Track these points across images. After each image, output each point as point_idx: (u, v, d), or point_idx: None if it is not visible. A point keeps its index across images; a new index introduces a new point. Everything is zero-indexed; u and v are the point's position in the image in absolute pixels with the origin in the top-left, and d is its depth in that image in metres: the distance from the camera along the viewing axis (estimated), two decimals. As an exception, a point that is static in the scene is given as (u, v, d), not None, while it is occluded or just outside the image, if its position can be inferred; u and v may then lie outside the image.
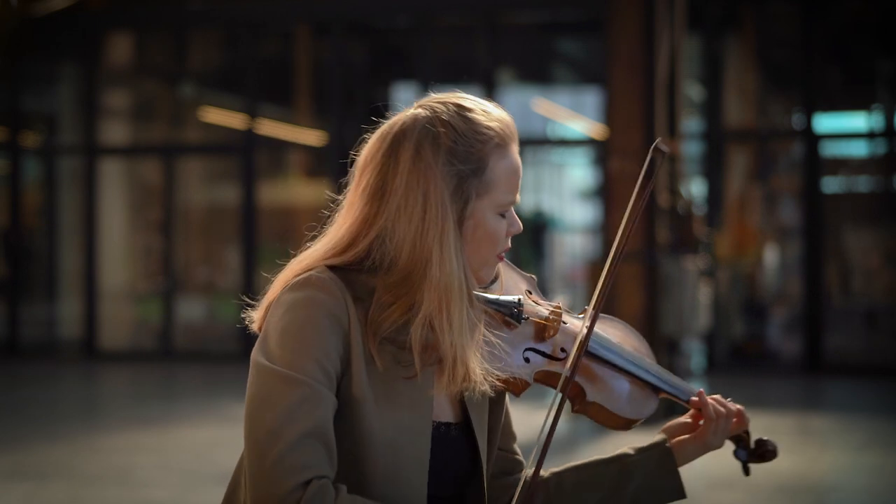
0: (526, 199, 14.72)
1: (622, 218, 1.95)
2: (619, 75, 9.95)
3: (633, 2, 10.04)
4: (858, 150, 14.08)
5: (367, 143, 1.88)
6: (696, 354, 11.95)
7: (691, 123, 13.00)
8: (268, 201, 13.88)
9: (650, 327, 9.26)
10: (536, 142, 15.22)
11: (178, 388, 11.89)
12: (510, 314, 1.92)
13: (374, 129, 1.90)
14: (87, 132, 14.26)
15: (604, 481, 2.03)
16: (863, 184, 14.38)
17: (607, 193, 9.95)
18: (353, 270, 1.82)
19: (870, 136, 13.46)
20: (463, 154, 1.82)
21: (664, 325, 9.43)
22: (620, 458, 2.05)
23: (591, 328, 1.91)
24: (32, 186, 15.08)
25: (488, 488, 2.00)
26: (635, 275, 9.56)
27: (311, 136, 14.12)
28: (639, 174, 1.97)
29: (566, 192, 19.22)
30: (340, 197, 1.92)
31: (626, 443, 2.18)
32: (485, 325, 1.88)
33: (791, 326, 12.76)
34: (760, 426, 8.74)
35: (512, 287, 1.99)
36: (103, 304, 14.17)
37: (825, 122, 13.05)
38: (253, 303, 1.91)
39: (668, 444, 2.06)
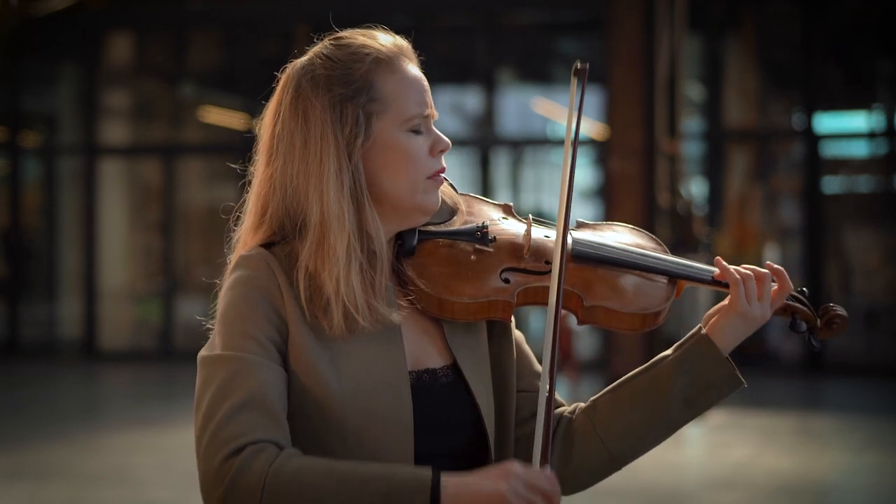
0: (526, 199, 14.72)
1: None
2: (619, 75, 9.95)
3: (633, 2, 10.04)
4: (859, 150, 14.07)
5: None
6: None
7: (691, 123, 13.00)
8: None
9: (663, 244, 9.25)
10: (536, 142, 15.22)
11: (178, 388, 11.88)
12: (475, 239, 1.81)
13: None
14: (87, 132, 14.26)
15: (646, 391, 1.84)
16: (863, 184, 14.38)
17: (607, 193, 9.94)
18: (279, 242, 1.74)
19: (870, 136, 13.46)
20: (340, 78, 1.74)
21: (664, 325, 9.42)
22: (658, 362, 1.86)
23: (565, 226, 1.74)
24: (32, 186, 15.08)
25: (522, 434, 1.86)
26: (635, 275, 9.55)
27: (312, 136, 14.08)
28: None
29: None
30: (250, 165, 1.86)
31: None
32: (454, 256, 1.79)
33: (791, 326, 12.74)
34: (761, 426, 8.74)
35: (481, 218, 1.87)
36: (103, 304, 14.17)
37: (825, 122, 13.05)
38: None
39: (703, 331, 1.85)
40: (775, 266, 1.88)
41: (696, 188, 12.86)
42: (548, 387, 1.66)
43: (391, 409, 1.69)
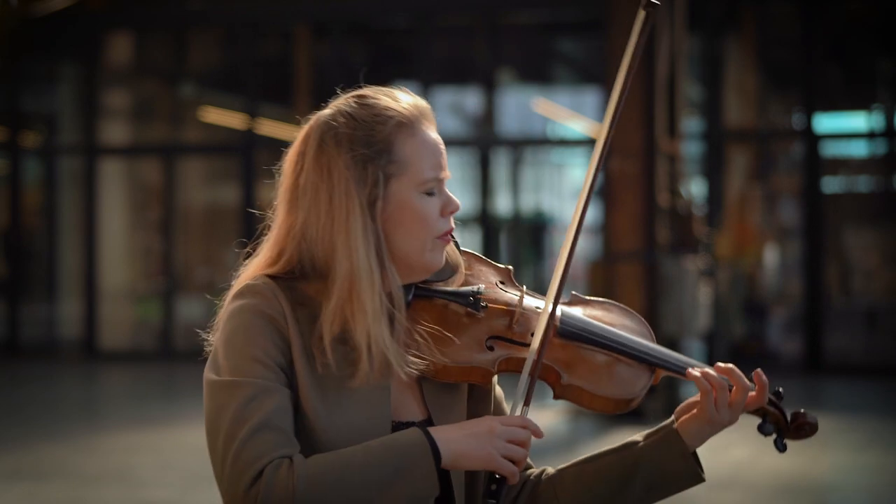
0: (526, 199, 14.73)
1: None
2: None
3: (634, 2, 10.04)
4: (858, 150, 14.08)
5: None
6: (695, 355, 11.95)
7: (691, 123, 13.00)
8: (268, 201, 13.86)
9: (650, 327, 9.26)
10: (536, 142, 15.22)
11: (178, 388, 11.89)
12: (467, 303, 1.86)
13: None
14: (87, 132, 14.26)
15: (612, 472, 1.92)
16: (863, 184, 14.39)
17: (607, 193, 9.94)
18: (290, 279, 1.82)
19: (870, 136, 13.46)
20: (363, 139, 1.80)
21: (664, 326, 9.43)
22: (628, 447, 1.93)
23: (555, 303, 1.82)
24: (32, 186, 15.08)
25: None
26: (635, 275, 9.56)
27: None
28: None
29: (566, 192, 19.21)
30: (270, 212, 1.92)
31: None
32: (445, 317, 1.85)
33: (791, 326, 12.76)
34: (760, 426, 8.50)
35: (479, 279, 1.93)
36: (103, 304, 14.17)
37: (825, 122, 13.05)
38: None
39: (674, 426, 1.92)
40: (761, 378, 1.94)
41: (696, 188, 12.85)
42: (540, 340, 1.77)
43: None
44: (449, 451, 1.72)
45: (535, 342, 1.81)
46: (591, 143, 13.10)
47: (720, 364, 1.93)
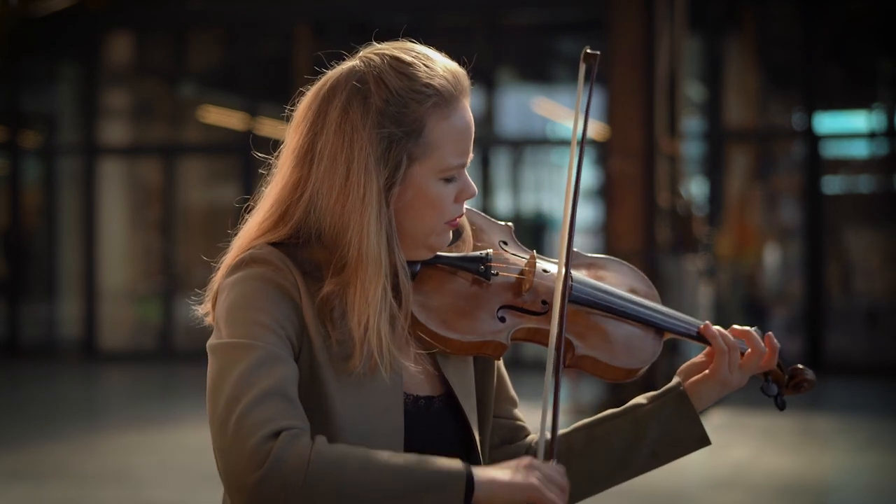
0: (526, 199, 14.72)
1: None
2: (619, 75, 9.94)
3: (634, 2, 10.03)
4: (859, 150, 14.08)
5: (303, 97, 1.76)
6: (695, 355, 11.94)
7: (692, 123, 12.99)
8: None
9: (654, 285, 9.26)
10: (536, 142, 15.22)
11: (178, 388, 11.88)
12: (477, 271, 1.77)
13: (314, 82, 1.77)
14: (87, 132, 14.26)
15: (618, 436, 1.86)
16: (863, 184, 14.38)
17: (607, 193, 9.94)
18: (294, 245, 1.70)
19: (870, 136, 13.46)
20: (394, 115, 1.67)
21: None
22: (633, 409, 1.87)
23: (567, 273, 1.70)
24: (32, 186, 15.08)
25: (490, 459, 1.87)
26: (635, 275, 9.55)
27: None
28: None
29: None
30: (274, 157, 1.79)
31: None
32: (453, 287, 1.76)
33: (792, 326, 12.75)
34: (761, 426, 8.70)
35: (484, 243, 1.84)
36: (103, 304, 14.17)
37: (826, 122, 13.05)
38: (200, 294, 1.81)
39: (682, 388, 1.87)
40: (773, 342, 1.90)
41: (696, 188, 12.85)
42: (554, 382, 1.65)
43: (383, 431, 1.68)
44: (483, 488, 1.57)
45: (553, 331, 1.69)
46: (591, 143, 13.10)
47: (736, 327, 1.91)
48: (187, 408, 9.91)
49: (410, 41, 1.76)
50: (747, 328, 1.90)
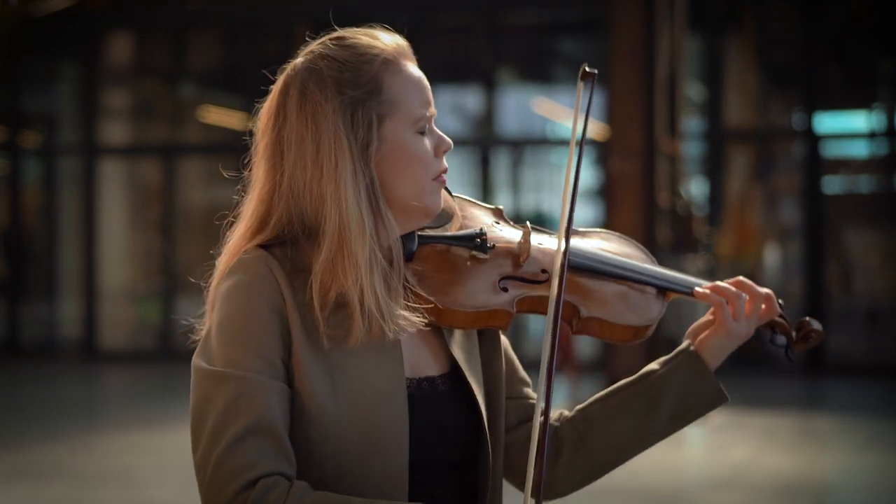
0: (526, 199, 14.72)
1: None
2: (619, 75, 9.94)
3: (633, 2, 10.04)
4: (859, 150, 14.08)
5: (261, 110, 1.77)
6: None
7: (692, 123, 13.00)
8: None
9: (650, 253, 9.26)
10: (536, 142, 15.22)
11: (178, 388, 11.88)
12: (474, 246, 1.78)
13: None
14: (87, 132, 14.26)
15: (634, 404, 1.87)
16: (864, 184, 14.38)
17: (607, 193, 9.94)
18: (281, 244, 1.69)
19: (870, 136, 13.46)
20: (350, 81, 1.70)
21: (664, 326, 9.43)
22: (646, 376, 1.89)
23: (567, 239, 1.73)
24: (32, 186, 15.08)
25: (510, 440, 1.87)
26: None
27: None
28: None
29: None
30: (248, 172, 1.79)
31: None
32: (453, 262, 1.77)
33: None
34: (761, 426, 8.70)
35: (475, 223, 1.86)
36: (103, 304, 14.17)
37: (826, 122, 13.05)
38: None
39: (692, 348, 1.89)
40: (764, 290, 1.93)
41: (696, 188, 12.85)
42: (541, 419, 1.66)
43: (387, 420, 1.65)
44: None
45: (553, 290, 1.71)
46: (591, 143, 13.10)
47: (729, 280, 1.93)
48: (187, 408, 9.89)
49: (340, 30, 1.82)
50: (740, 277, 1.94)
